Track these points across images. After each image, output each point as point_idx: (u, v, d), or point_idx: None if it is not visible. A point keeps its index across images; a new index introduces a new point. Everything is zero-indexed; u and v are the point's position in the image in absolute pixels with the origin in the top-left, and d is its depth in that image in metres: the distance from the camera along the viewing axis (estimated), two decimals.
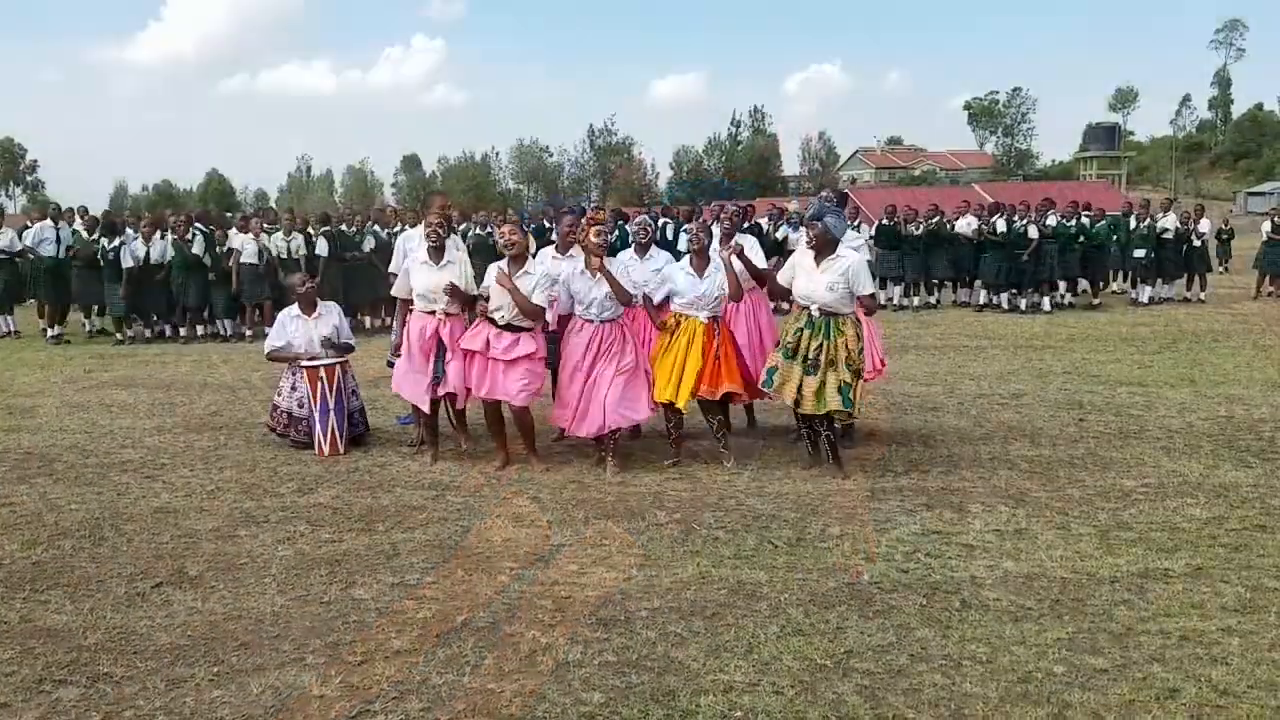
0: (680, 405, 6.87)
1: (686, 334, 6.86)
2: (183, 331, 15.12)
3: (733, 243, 7.15)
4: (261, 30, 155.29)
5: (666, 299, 7.06)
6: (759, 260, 7.39)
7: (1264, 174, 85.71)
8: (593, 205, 6.98)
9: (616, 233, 13.62)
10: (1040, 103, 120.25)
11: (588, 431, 6.83)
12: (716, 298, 6.87)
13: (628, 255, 7.45)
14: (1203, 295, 18.04)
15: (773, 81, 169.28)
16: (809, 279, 6.56)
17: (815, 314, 6.50)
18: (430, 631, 4.35)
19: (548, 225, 15.53)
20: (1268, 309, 16.71)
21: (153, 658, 4.16)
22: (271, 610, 4.63)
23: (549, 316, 6.96)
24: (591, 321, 6.83)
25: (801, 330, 6.53)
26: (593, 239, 6.78)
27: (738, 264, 6.88)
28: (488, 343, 6.78)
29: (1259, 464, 6.83)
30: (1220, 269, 22.13)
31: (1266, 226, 18.77)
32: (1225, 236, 24.74)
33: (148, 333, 15.62)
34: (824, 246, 6.54)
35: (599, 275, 6.72)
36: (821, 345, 6.43)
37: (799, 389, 6.47)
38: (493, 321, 6.78)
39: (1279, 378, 10.12)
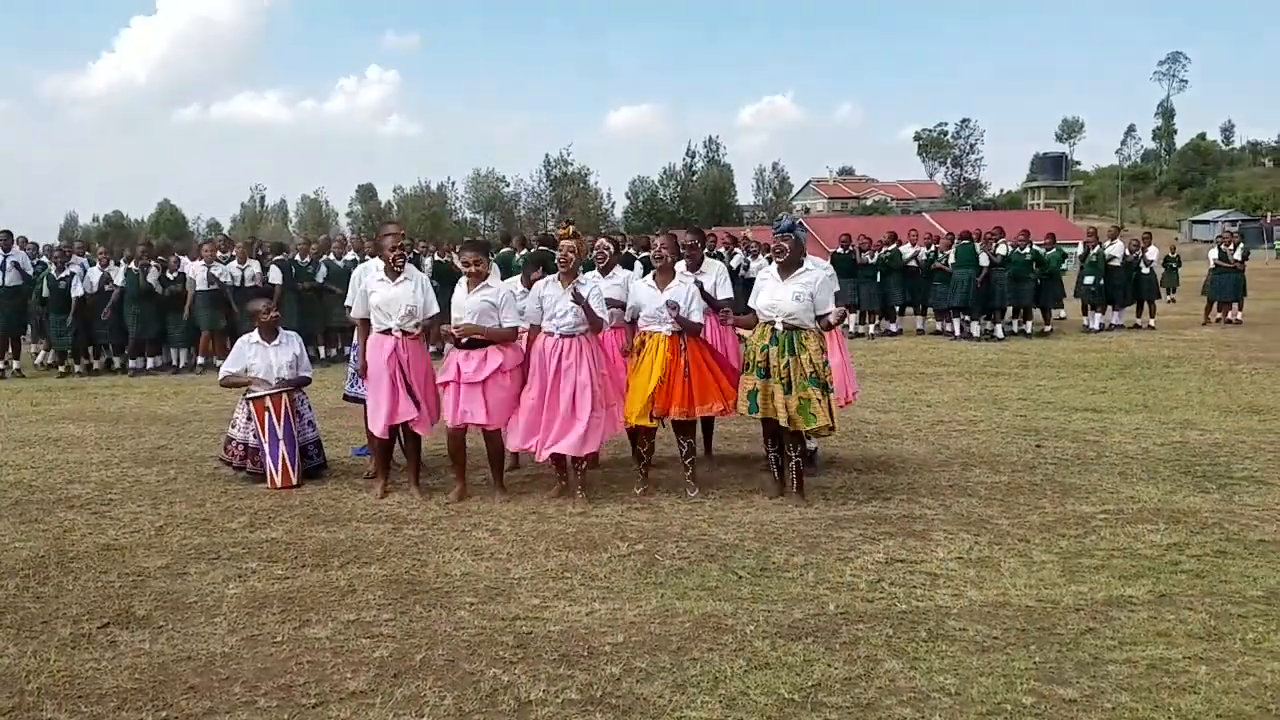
0: (643, 422, 6.77)
1: (651, 352, 6.78)
2: (133, 364, 14.80)
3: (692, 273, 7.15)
4: (215, 61, 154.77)
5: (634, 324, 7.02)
6: (726, 289, 7.38)
7: (1208, 202, 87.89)
8: (564, 221, 6.95)
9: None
10: (988, 133, 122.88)
11: (542, 455, 6.75)
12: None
13: (591, 274, 7.39)
14: (1152, 322, 18.34)
15: (727, 112, 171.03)
16: (774, 290, 6.53)
17: (779, 328, 6.46)
18: (387, 671, 4.23)
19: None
20: (1217, 335, 17.01)
21: (98, 702, 4.00)
22: (222, 651, 4.48)
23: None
24: (553, 335, 6.72)
25: (768, 347, 6.49)
26: (560, 256, 6.75)
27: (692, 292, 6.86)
28: (458, 369, 6.69)
29: (1216, 489, 6.89)
30: (1169, 298, 22.46)
31: (1213, 254, 19.16)
32: (1174, 264, 25.13)
33: (95, 364, 15.26)
34: (793, 261, 6.54)
35: (568, 289, 6.69)
36: (788, 362, 6.40)
37: (784, 407, 6.40)
38: (456, 343, 6.72)
39: (1231, 403, 10.27)
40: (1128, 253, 18.22)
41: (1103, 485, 7.05)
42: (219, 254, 15.15)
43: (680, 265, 7.34)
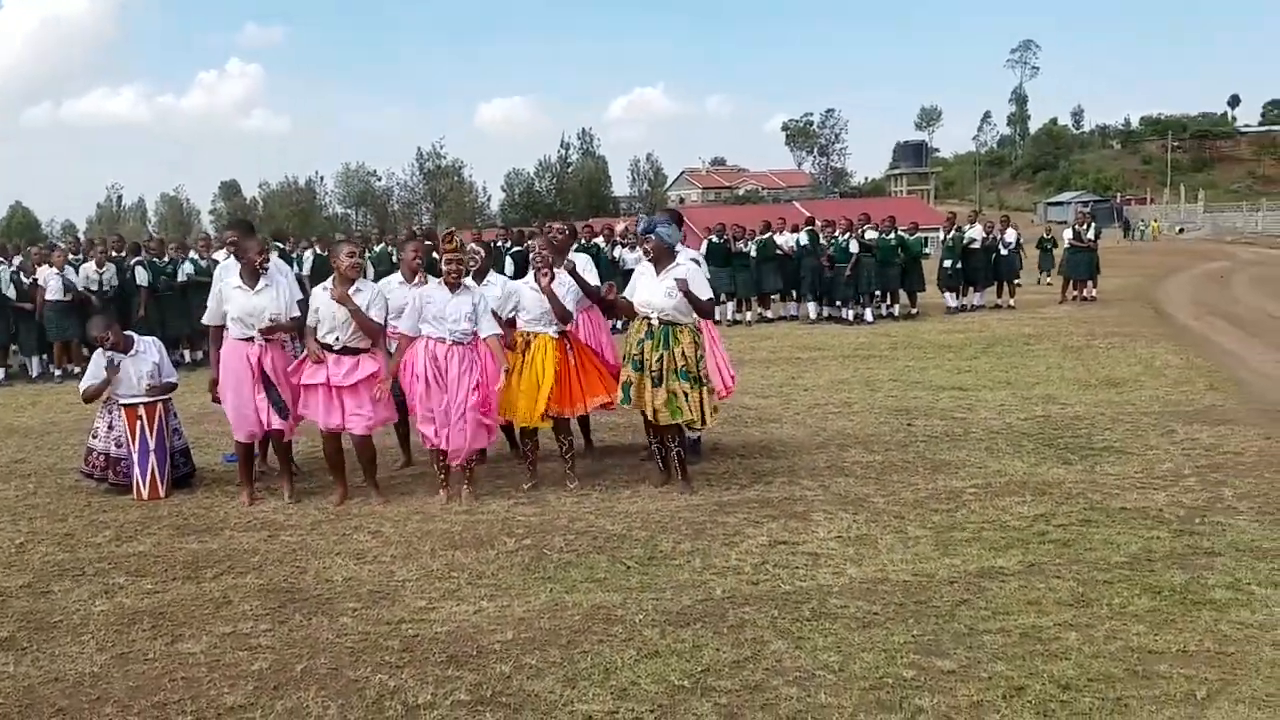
0: (535, 425, 6.79)
1: (540, 351, 6.74)
2: None
3: (566, 262, 7.08)
4: (66, 57, 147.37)
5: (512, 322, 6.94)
6: (592, 278, 7.36)
7: (1061, 185, 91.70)
8: (448, 229, 6.83)
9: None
10: (852, 123, 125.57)
11: (454, 458, 6.65)
12: (565, 310, 6.78)
13: (468, 283, 7.23)
14: (1012, 302, 19.06)
15: (598, 105, 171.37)
16: (649, 287, 6.59)
17: (655, 323, 6.52)
18: (267, 684, 4.10)
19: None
20: (1073, 312, 17.78)
21: None
22: (91, 670, 4.29)
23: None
24: (444, 340, 6.53)
25: (643, 341, 6.55)
26: (444, 266, 6.59)
27: (568, 284, 6.85)
28: (327, 374, 6.51)
29: (1078, 460, 7.21)
30: (1046, 279, 22.88)
31: (1068, 234, 20.01)
32: (1048, 245, 25.28)
33: None
34: (661, 256, 6.61)
35: (457, 293, 6.55)
36: (661, 356, 6.46)
37: (651, 401, 6.46)
38: (328, 347, 6.52)
39: (1089, 377, 10.76)
40: (985, 236, 18.89)
41: (971, 460, 7.31)
42: (71, 257, 14.42)
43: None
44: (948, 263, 18.54)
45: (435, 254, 8.79)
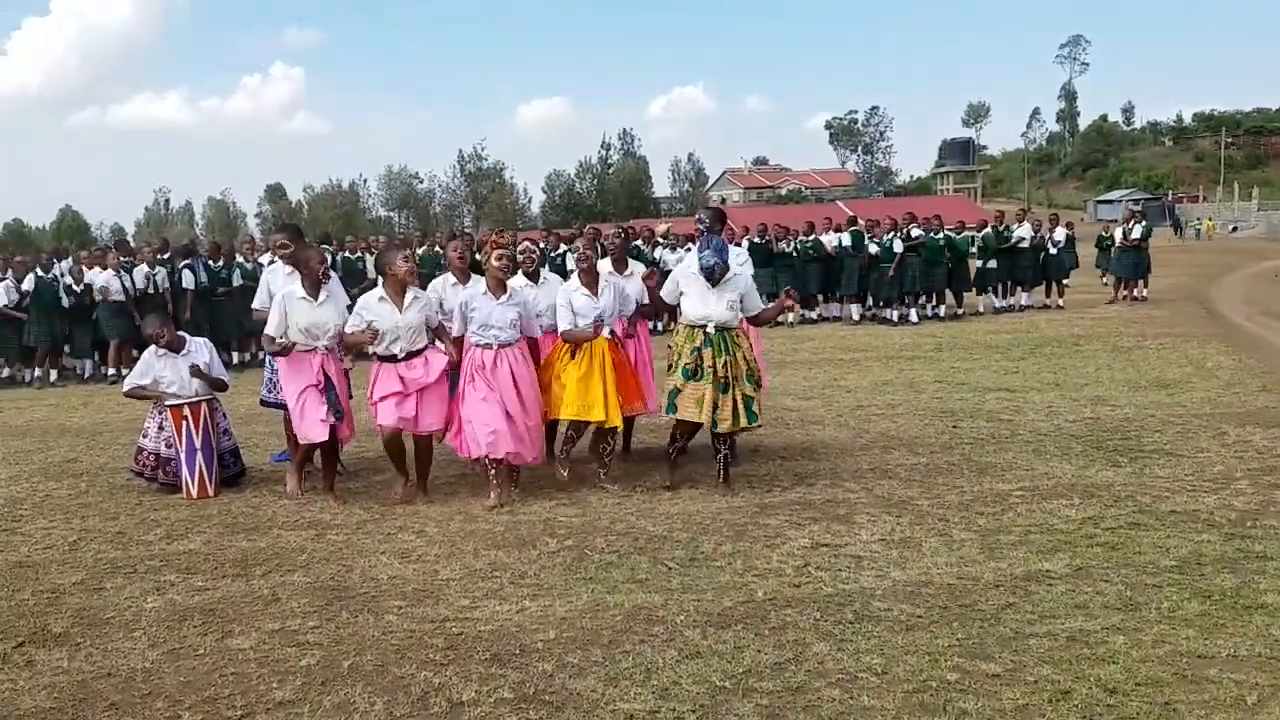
0: (618, 425, 6.87)
1: (596, 353, 6.75)
2: (36, 373, 14.31)
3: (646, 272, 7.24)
4: (112, 62, 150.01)
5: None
6: (644, 296, 7.43)
7: (1111, 182, 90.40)
8: (496, 229, 6.90)
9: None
10: (897, 121, 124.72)
11: (531, 457, 6.75)
12: (615, 313, 6.81)
13: (519, 282, 7.29)
14: (1060, 302, 18.83)
15: (638, 104, 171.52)
16: (704, 300, 6.53)
17: (711, 332, 6.49)
18: (315, 679, 4.16)
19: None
20: (1124, 313, 17.54)
21: None
22: (143, 666, 4.37)
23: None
24: (489, 346, 6.61)
25: (700, 349, 6.48)
26: (494, 263, 6.64)
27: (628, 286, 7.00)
28: (401, 380, 6.53)
29: (1128, 463, 7.11)
30: (1105, 280, 22.18)
31: (1117, 233, 19.72)
32: (1107, 244, 23.44)
33: (7, 371, 14.71)
34: (722, 273, 6.56)
35: (503, 298, 6.61)
36: (726, 362, 6.44)
37: (715, 408, 6.42)
38: (392, 358, 6.56)
39: (1139, 378, 10.61)
40: (1034, 234, 18.67)
41: (1018, 463, 7.23)
42: (123, 259, 14.69)
43: (604, 264, 7.32)
44: (992, 263, 18.38)
45: (476, 254, 8.89)
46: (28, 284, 13.99)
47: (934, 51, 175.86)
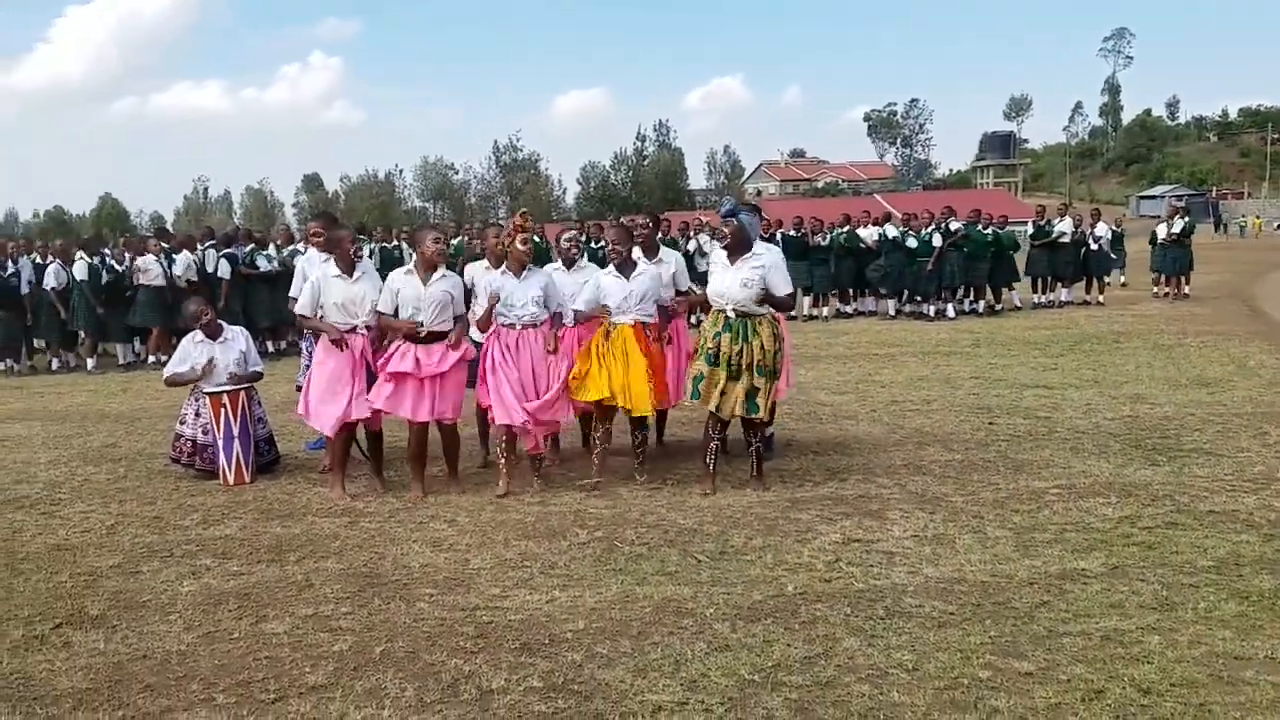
0: (647, 413, 6.84)
1: (619, 341, 6.68)
2: (91, 362, 14.54)
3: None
4: (151, 51, 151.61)
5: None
6: (684, 279, 7.40)
7: (1154, 178, 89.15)
8: (520, 211, 6.83)
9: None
10: (937, 113, 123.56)
11: (533, 437, 6.76)
12: (644, 297, 6.78)
13: (554, 268, 7.29)
14: (1101, 298, 18.61)
15: (675, 96, 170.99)
16: (722, 277, 6.42)
17: (731, 316, 6.39)
18: (347, 665, 4.20)
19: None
20: (1166, 310, 17.30)
21: (54, 703, 3.94)
22: (178, 649, 4.43)
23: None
24: (514, 326, 6.66)
25: (720, 334, 6.41)
26: (518, 245, 6.65)
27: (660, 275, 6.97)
28: (417, 361, 6.54)
29: (1166, 462, 7.01)
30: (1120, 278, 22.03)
31: (1161, 230, 19.44)
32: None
33: (54, 362, 14.95)
34: (739, 245, 6.39)
35: (523, 278, 6.66)
36: (741, 349, 6.36)
37: (722, 393, 6.38)
38: (412, 337, 6.61)
39: (1179, 377, 10.46)
40: (1075, 230, 18.45)
41: (1055, 460, 7.15)
42: (163, 246, 14.89)
43: (635, 251, 7.30)
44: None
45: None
46: (80, 271, 14.18)
47: (975, 45, 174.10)
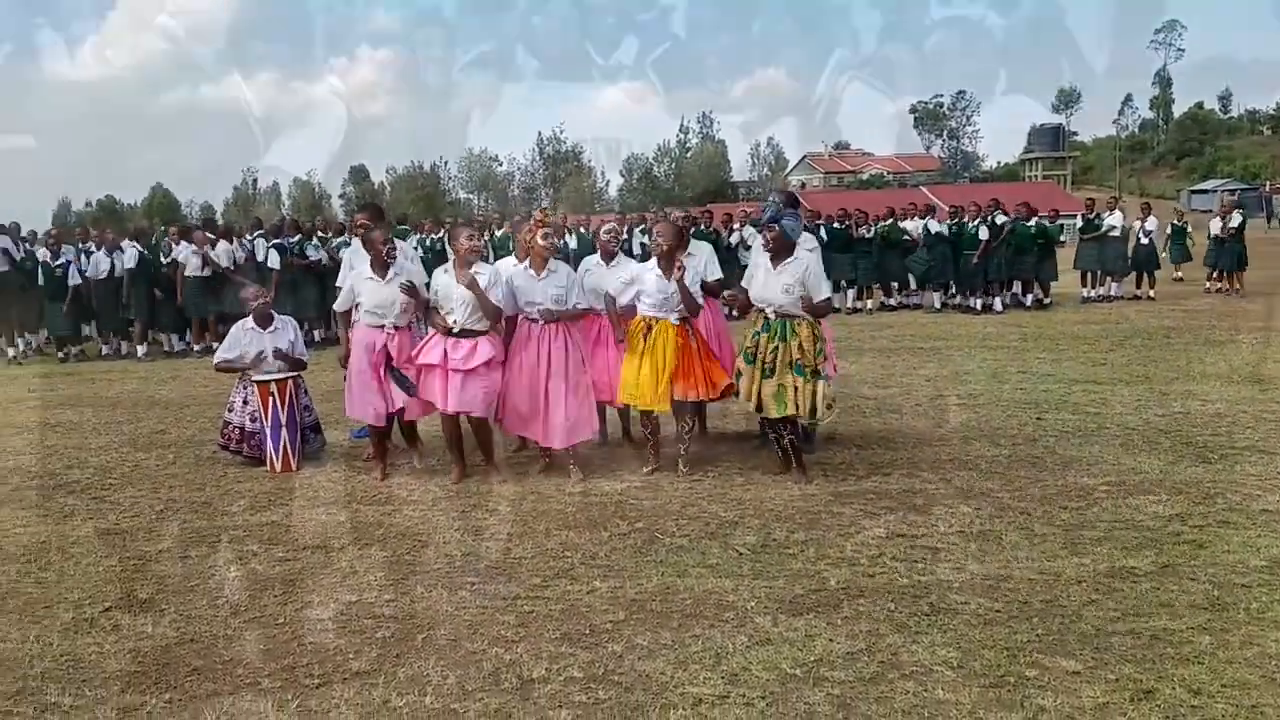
0: (663, 410, 6.79)
1: (660, 336, 6.68)
2: (141, 349, 14.76)
3: (678, 265, 6.99)
4: (201, 43, 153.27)
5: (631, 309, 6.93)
6: (715, 269, 7.34)
7: (1206, 172, 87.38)
8: (541, 207, 6.87)
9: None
10: (984, 105, 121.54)
11: (555, 443, 6.78)
12: (695, 303, 6.74)
13: (593, 261, 7.30)
14: (1151, 293, 18.29)
15: (719, 87, 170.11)
16: (765, 282, 6.49)
17: (771, 317, 6.45)
18: (390, 651, 4.23)
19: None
20: (1217, 305, 16.97)
21: (102, 685, 4.01)
22: (225, 633, 4.49)
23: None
24: (536, 322, 6.70)
25: (759, 334, 6.48)
26: (540, 241, 6.67)
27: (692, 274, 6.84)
28: (445, 354, 6.61)
29: (1218, 459, 6.88)
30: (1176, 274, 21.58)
31: (1215, 225, 19.05)
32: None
33: (105, 349, 15.21)
34: (781, 249, 6.47)
35: (544, 274, 6.67)
36: (777, 348, 6.38)
37: (758, 393, 6.42)
38: (446, 331, 6.64)
39: (1231, 373, 10.25)
40: (1125, 224, 18.17)
41: (1104, 457, 7.04)
42: (209, 236, 15.07)
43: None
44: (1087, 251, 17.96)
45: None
46: (130, 260, 14.40)
47: (1023, 35, 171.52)
